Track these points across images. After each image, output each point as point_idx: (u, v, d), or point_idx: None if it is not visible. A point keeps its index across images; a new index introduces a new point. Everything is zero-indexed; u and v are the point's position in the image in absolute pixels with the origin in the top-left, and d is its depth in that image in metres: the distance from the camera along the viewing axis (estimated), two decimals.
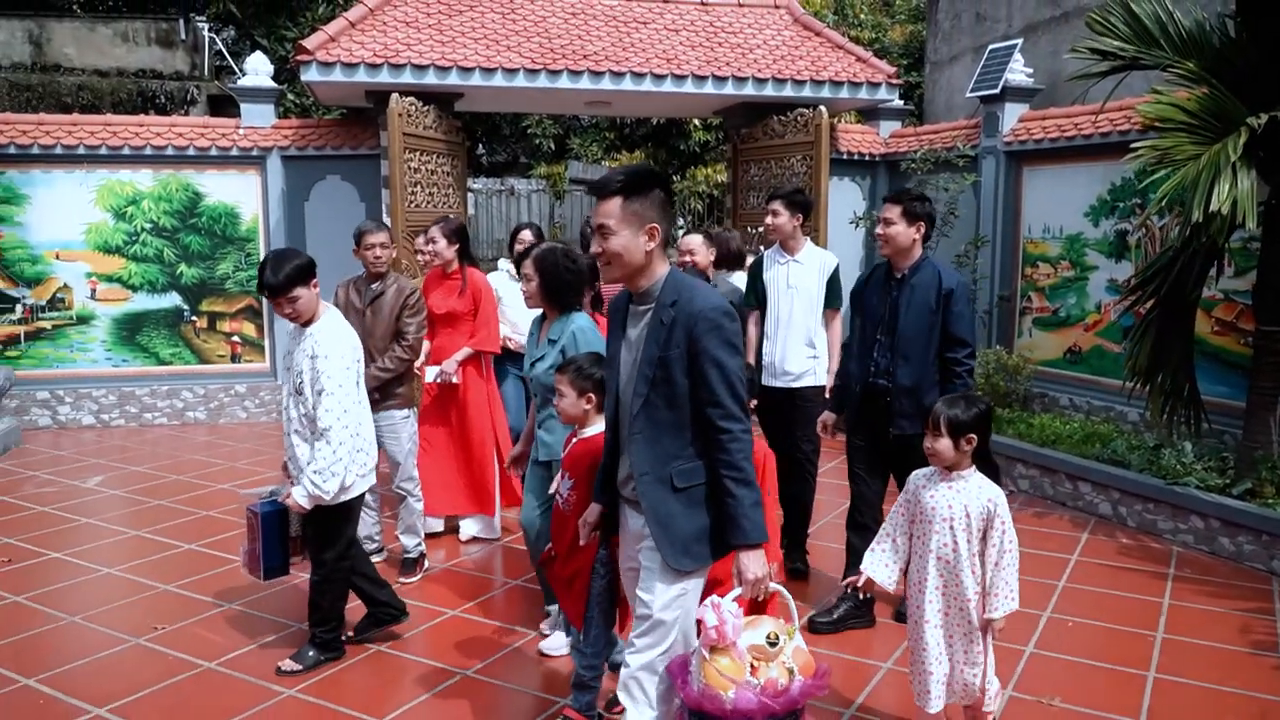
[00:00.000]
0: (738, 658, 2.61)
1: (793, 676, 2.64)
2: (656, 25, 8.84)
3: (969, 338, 4.25)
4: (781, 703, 2.59)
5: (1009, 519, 3.15)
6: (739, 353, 2.71)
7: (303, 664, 4.00)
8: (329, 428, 3.73)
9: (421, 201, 8.02)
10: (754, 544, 2.66)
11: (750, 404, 4.65)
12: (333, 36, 7.89)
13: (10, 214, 8.65)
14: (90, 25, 11.73)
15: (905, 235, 4.25)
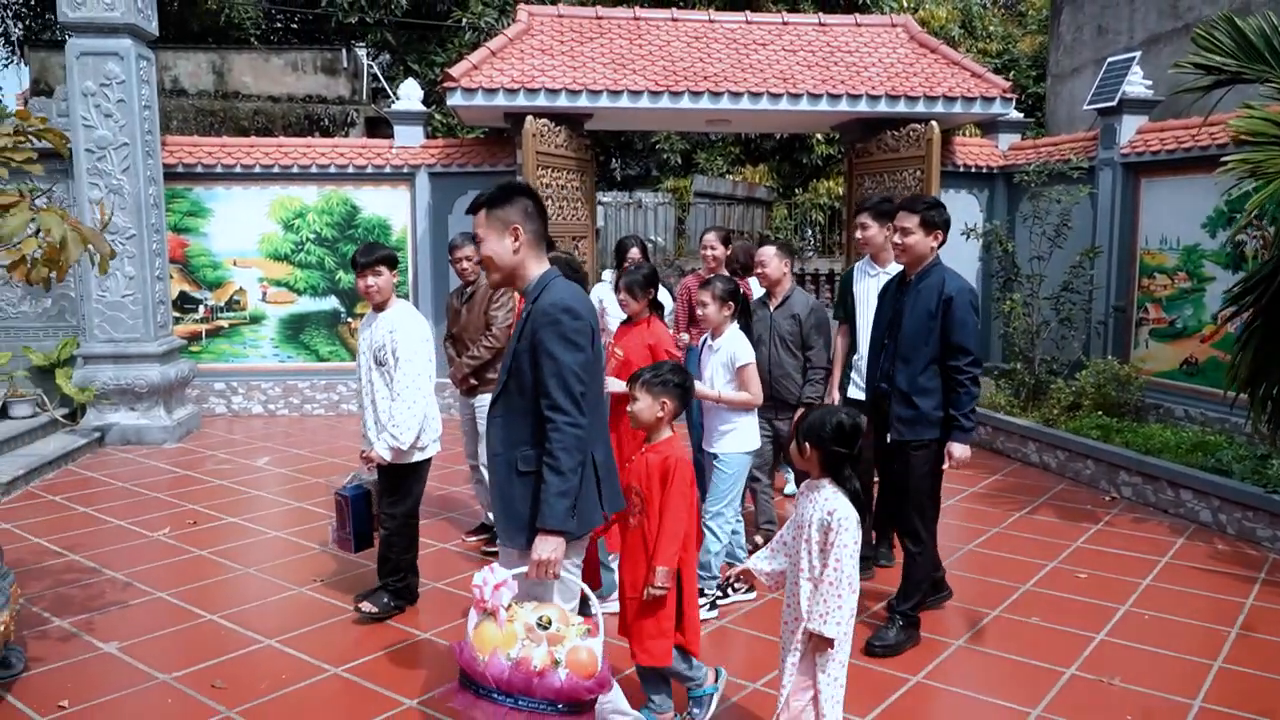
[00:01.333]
0: (502, 627, 2.70)
1: (555, 665, 2.66)
2: (775, 46, 9.27)
3: (970, 345, 4.20)
4: (532, 684, 2.62)
5: (847, 539, 3.01)
6: (576, 349, 2.83)
7: (378, 607, 4.66)
8: (405, 389, 4.44)
9: (553, 215, 8.67)
10: (550, 530, 2.79)
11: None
12: (476, 64, 8.66)
13: (196, 225, 9.78)
14: (265, 56, 13.02)
15: (923, 244, 4.29)
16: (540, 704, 2.65)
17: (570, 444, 2.80)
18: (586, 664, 2.70)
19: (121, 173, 8.45)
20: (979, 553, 5.69)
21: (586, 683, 2.68)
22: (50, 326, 8.97)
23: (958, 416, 4.23)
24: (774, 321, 5.36)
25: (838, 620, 2.99)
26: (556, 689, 2.64)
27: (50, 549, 5.66)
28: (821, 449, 3.12)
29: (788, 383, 5.34)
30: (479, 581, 2.74)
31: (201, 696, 3.89)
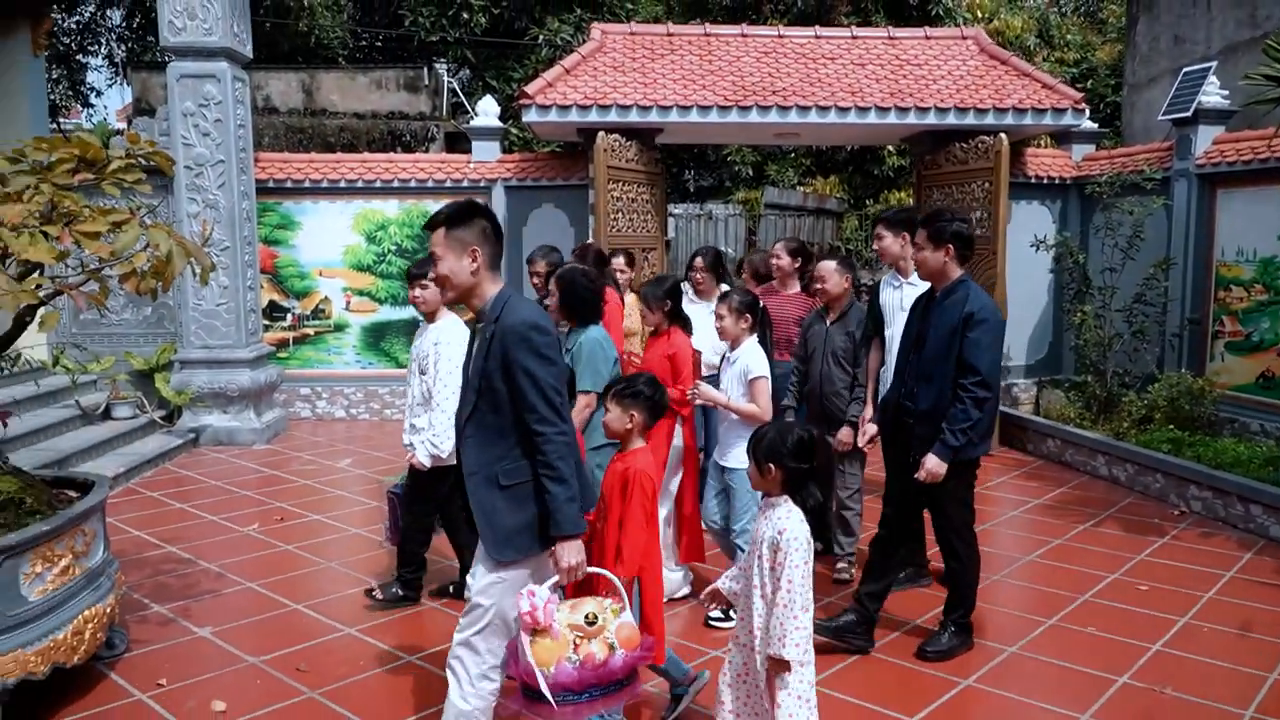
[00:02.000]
0: (557, 637, 2.83)
1: (613, 650, 2.85)
2: (844, 60, 9.38)
3: (980, 365, 4.10)
4: (601, 674, 2.82)
5: (797, 559, 2.98)
6: (550, 362, 2.93)
7: (385, 596, 4.99)
8: (445, 400, 4.64)
9: (623, 227, 8.91)
10: (568, 535, 2.91)
11: (863, 436, 5.01)
12: (550, 82, 8.94)
13: (285, 238, 10.26)
14: (351, 75, 13.56)
15: (935, 259, 4.24)
16: (610, 687, 2.87)
17: (564, 452, 2.92)
18: (632, 637, 2.93)
19: (217, 188, 8.94)
20: (1039, 563, 5.72)
21: (641, 652, 2.93)
22: (150, 333, 9.52)
23: (945, 430, 4.13)
24: (829, 336, 5.32)
25: (795, 642, 2.93)
26: (619, 670, 2.85)
27: (150, 541, 6.07)
28: (783, 467, 3.10)
29: (837, 400, 5.29)
30: (527, 607, 2.82)
31: (286, 678, 4.18)
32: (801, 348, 5.50)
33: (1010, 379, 10.13)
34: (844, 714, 3.88)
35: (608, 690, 2.86)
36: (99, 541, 4.22)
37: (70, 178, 3.91)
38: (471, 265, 2.98)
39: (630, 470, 3.42)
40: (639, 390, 3.53)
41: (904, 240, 4.96)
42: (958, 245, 4.23)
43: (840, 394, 5.26)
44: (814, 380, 5.27)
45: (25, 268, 3.74)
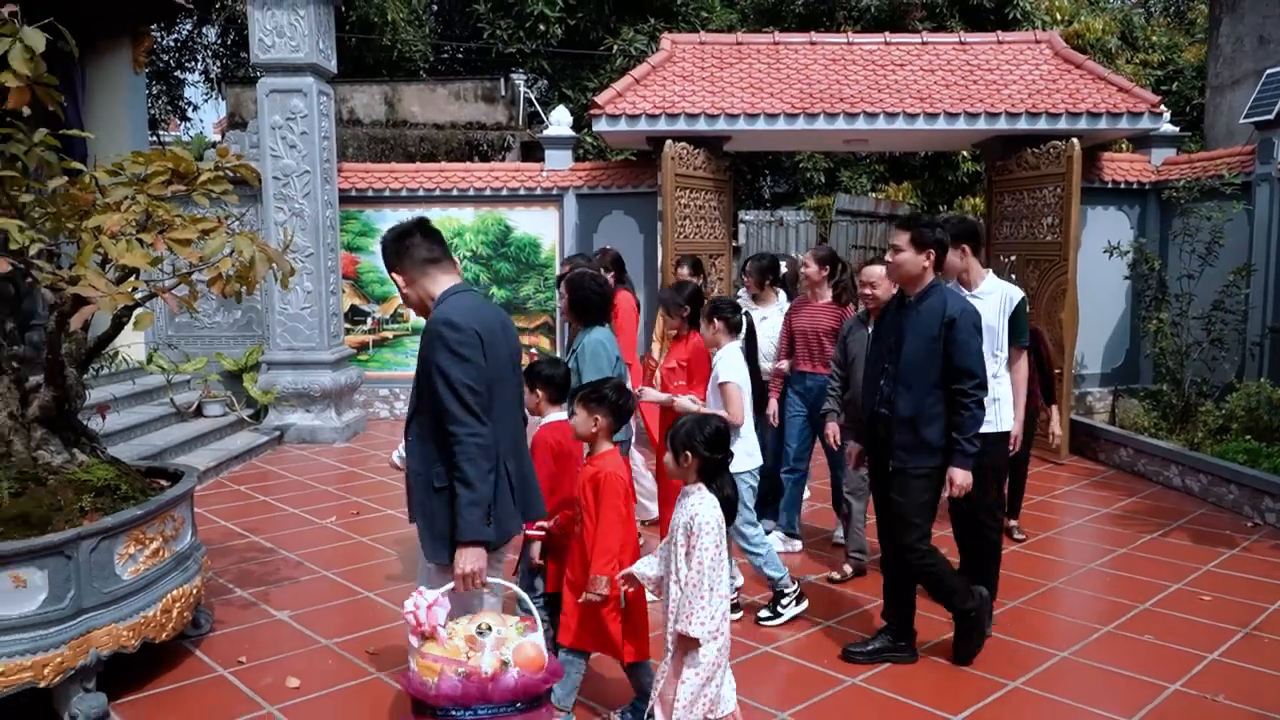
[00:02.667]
0: (444, 644, 2.78)
1: (505, 667, 2.74)
2: (913, 66, 9.38)
3: (975, 368, 4.04)
4: (488, 690, 2.71)
5: (707, 542, 3.10)
6: (464, 360, 2.88)
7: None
8: None
9: (690, 233, 9.06)
10: (466, 540, 2.84)
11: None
12: (620, 92, 9.15)
13: (366, 244, 10.66)
14: (431, 87, 14.00)
15: (914, 263, 4.14)
16: (500, 707, 2.73)
17: (473, 454, 2.85)
18: (534, 658, 2.79)
19: (303, 197, 9.36)
20: (1101, 571, 5.68)
21: (539, 675, 2.78)
22: (240, 335, 9.99)
23: (960, 441, 4.07)
24: (872, 344, 4.92)
25: (701, 620, 3.04)
26: (512, 689, 2.73)
27: (235, 531, 6.42)
28: (698, 456, 3.21)
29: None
30: (410, 607, 2.77)
31: (357, 660, 4.43)
32: (841, 353, 5.36)
33: (1085, 387, 9.98)
34: (889, 711, 3.96)
35: (499, 710, 2.72)
36: (187, 527, 4.52)
37: (164, 189, 4.21)
38: (405, 284, 3.18)
39: (601, 473, 3.54)
40: (604, 395, 3.64)
41: (963, 252, 4.73)
42: (939, 252, 4.16)
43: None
44: (855, 387, 5.06)
45: (123, 272, 4.04)
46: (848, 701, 4.04)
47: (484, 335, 2.98)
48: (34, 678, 3.65)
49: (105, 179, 4.16)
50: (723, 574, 3.14)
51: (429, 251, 3.16)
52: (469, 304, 3.06)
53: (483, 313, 3.08)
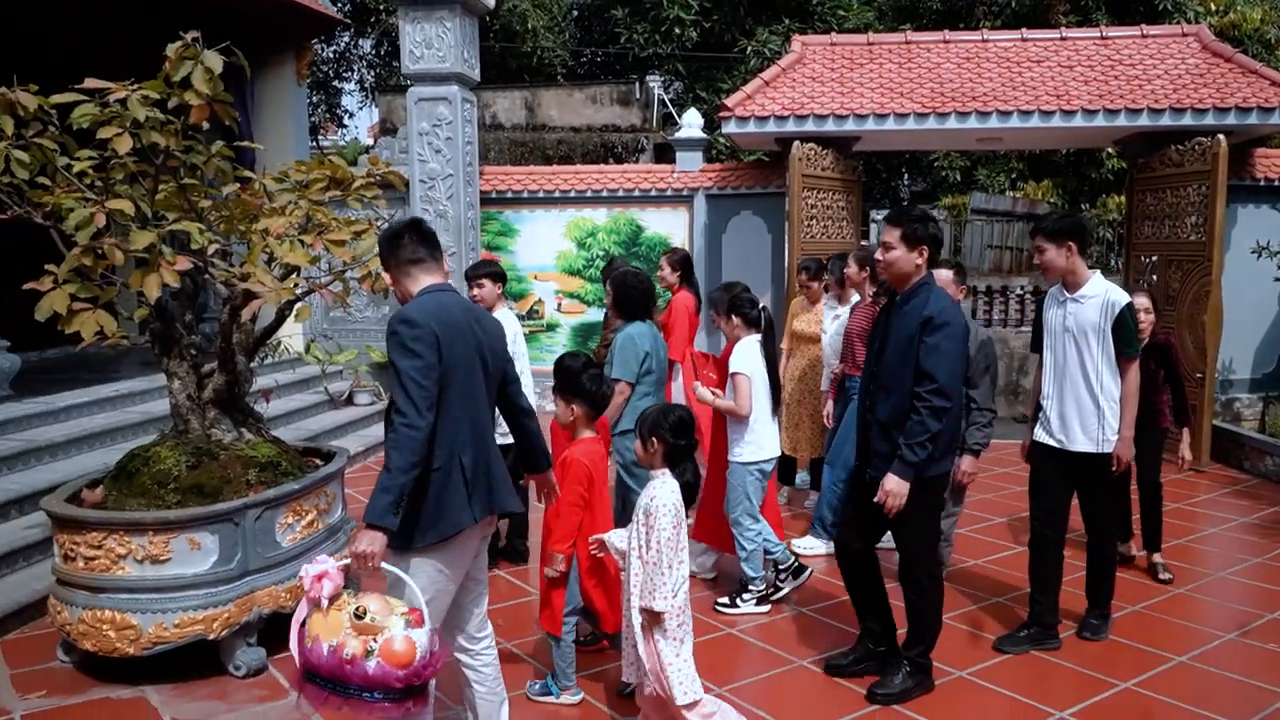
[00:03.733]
0: (327, 617, 2.78)
1: (368, 655, 2.69)
2: (1050, 63, 9.19)
3: (937, 372, 3.74)
4: (345, 671, 2.70)
5: (665, 522, 3.29)
6: (415, 355, 2.96)
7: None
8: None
9: (817, 233, 9.15)
10: (367, 522, 2.84)
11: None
12: (749, 94, 9.31)
13: (505, 244, 11.16)
14: (569, 91, 14.47)
15: (907, 261, 3.87)
16: (351, 689, 2.73)
17: (402, 444, 2.90)
18: (401, 654, 2.71)
19: (446, 199, 9.90)
20: (1232, 579, 5.53)
21: (398, 672, 2.70)
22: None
23: (903, 445, 3.78)
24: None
25: (664, 595, 3.28)
26: (366, 676, 2.70)
27: None
28: (663, 442, 3.42)
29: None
30: (302, 572, 2.83)
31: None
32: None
33: (1233, 393, 9.55)
34: (993, 706, 4.02)
35: (350, 693, 2.73)
36: (338, 502, 4.97)
37: (322, 194, 4.65)
38: (391, 280, 3.34)
39: (568, 458, 3.82)
40: (580, 384, 3.87)
41: (1068, 250, 4.34)
42: (932, 248, 3.92)
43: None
44: None
45: (286, 270, 4.49)
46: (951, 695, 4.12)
47: (441, 333, 3.05)
48: (204, 630, 4.14)
49: (272, 186, 4.63)
50: (683, 553, 3.37)
51: (414, 253, 3.26)
52: (433, 303, 3.14)
53: (446, 312, 3.13)
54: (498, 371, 3.36)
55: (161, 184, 4.36)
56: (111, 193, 4.21)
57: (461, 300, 3.32)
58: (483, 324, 3.31)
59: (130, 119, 3.99)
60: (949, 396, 3.77)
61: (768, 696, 4.11)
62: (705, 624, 4.82)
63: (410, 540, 3.01)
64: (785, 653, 4.55)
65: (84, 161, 4.19)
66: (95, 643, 4.09)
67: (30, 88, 4.06)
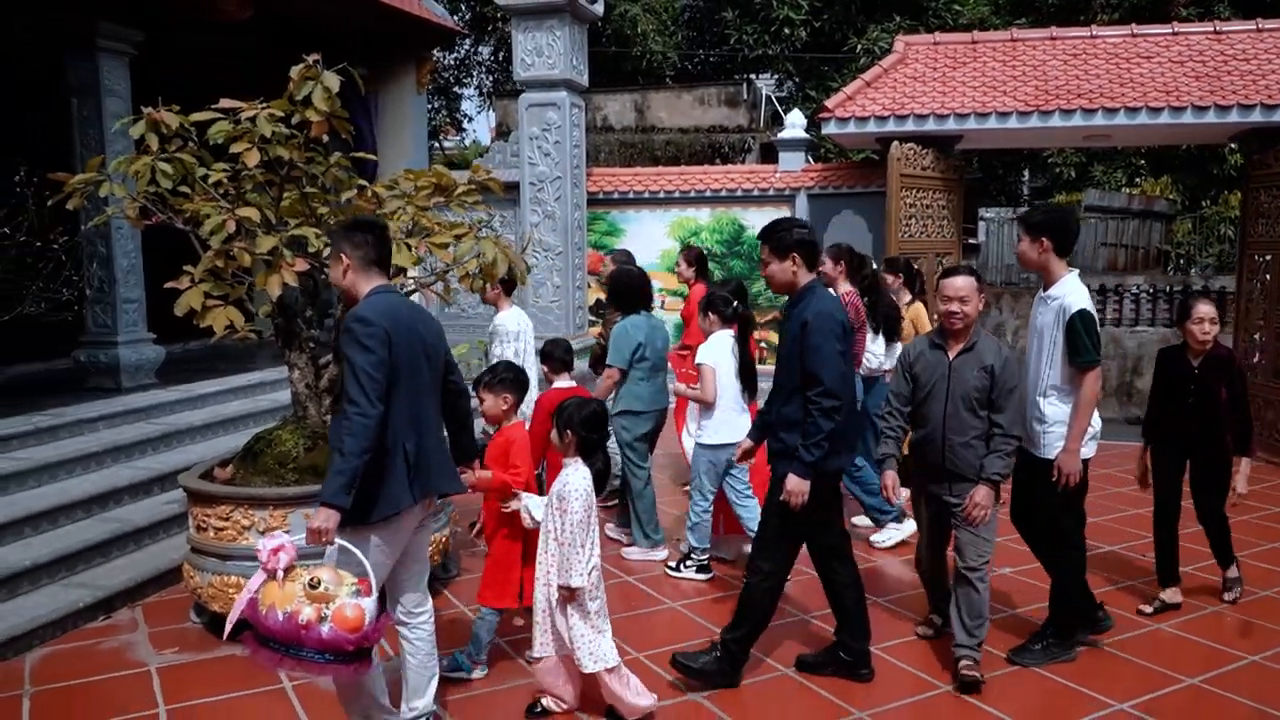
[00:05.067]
0: (281, 586, 3.01)
1: (321, 620, 2.96)
2: (1161, 59, 8.98)
3: (822, 373, 3.83)
4: (299, 635, 2.95)
5: (576, 506, 3.68)
6: (368, 351, 3.23)
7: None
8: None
9: (916, 232, 9.18)
10: (323, 500, 3.12)
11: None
12: (850, 95, 9.40)
13: (611, 243, 11.51)
14: (678, 93, 14.76)
15: (782, 271, 4.03)
16: (308, 653, 2.98)
17: (355, 430, 3.17)
18: (351, 620, 2.99)
19: (554, 201, 10.31)
20: None
21: (349, 635, 2.98)
22: None
23: (800, 447, 3.89)
24: (954, 374, 4.16)
25: (579, 573, 3.65)
26: (320, 640, 2.96)
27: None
28: (577, 434, 3.77)
29: (967, 452, 4.14)
30: (259, 545, 3.06)
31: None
32: (907, 381, 4.35)
33: None
34: (1061, 695, 4.12)
35: (305, 654, 2.99)
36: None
37: (428, 201, 5.05)
38: (343, 268, 3.50)
39: (503, 440, 4.27)
40: (503, 377, 4.28)
41: (1042, 246, 4.23)
42: (802, 253, 4.01)
43: (972, 445, 4.12)
44: (933, 427, 4.22)
45: (394, 270, 4.90)
46: (1011, 685, 4.23)
47: (391, 330, 3.34)
48: None
49: (383, 193, 5.05)
50: (593, 534, 3.74)
51: (377, 253, 3.54)
52: (383, 303, 3.42)
53: (396, 311, 3.43)
54: (439, 364, 3.68)
55: (285, 192, 4.82)
56: (242, 201, 4.70)
57: (406, 301, 3.66)
58: (425, 322, 3.62)
59: (259, 135, 4.46)
60: (837, 396, 3.86)
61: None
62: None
63: (358, 518, 3.28)
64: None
65: (219, 173, 4.69)
66: (223, 605, 4.56)
67: (173, 108, 4.57)
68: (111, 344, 7.49)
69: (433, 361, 3.60)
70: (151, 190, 4.57)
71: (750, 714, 4.02)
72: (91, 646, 4.69)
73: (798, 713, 4.04)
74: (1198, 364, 4.84)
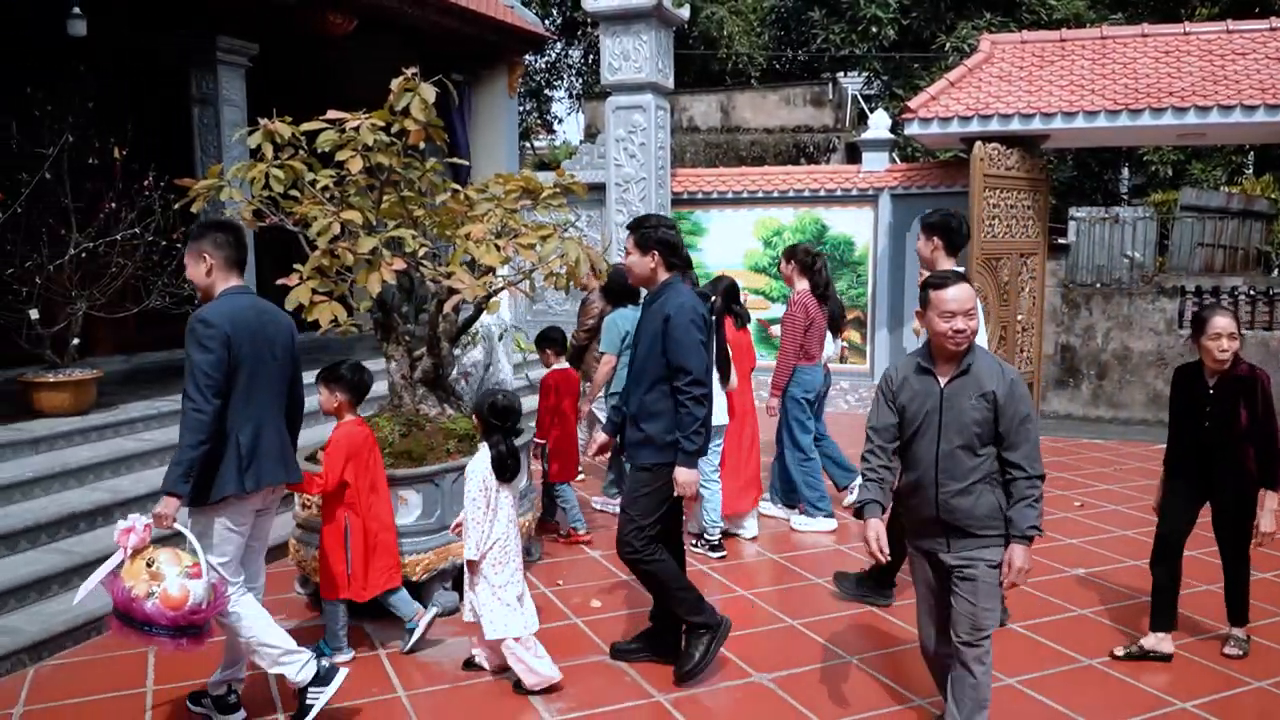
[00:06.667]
0: (130, 564, 3.45)
1: (149, 596, 3.37)
2: (1256, 55, 8.78)
3: (689, 364, 4.01)
4: (130, 607, 3.37)
5: (471, 486, 4.17)
6: (206, 350, 3.53)
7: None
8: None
9: (999, 232, 9.16)
10: (163, 488, 3.49)
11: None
12: (934, 95, 9.43)
13: (694, 243, 11.72)
14: (763, 94, 14.88)
15: (642, 265, 4.24)
16: (135, 621, 3.39)
17: (190, 425, 3.51)
18: (175, 598, 3.38)
19: (639, 201, 10.57)
20: None
21: (169, 612, 3.36)
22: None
23: (679, 438, 4.08)
24: (947, 404, 3.40)
25: (470, 546, 4.14)
26: (145, 613, 3.35)
27: None
28: (483, 421, 4.28)
29: (965, 500, 3.38)
30: (117, 526, 3.50)
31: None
32: (889, 413, 3.56)
33: None
34: (1119, 690, 4.19)
35: (131, 623, 3.40)
36: (523, 470, 5.65)
37: (516, 203, 5.35)
38: (205, 268, 3.74)
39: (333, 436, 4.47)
40: (340, 374, 4.45)
41: (934, 245, 4.73)
42: (662, 250, 4.21)
43: (972, 491, 3.38)
44: (923, 470, 3.46)
45: (483, 269, 5.22)
46: (1088, 676, 4.32)
47: (232, 332, 3.62)
48: (409, 574, 4.89)
49: (474, 196, 5.37)
50: (492, 513, 4.17)
51: (236, 254, 3.81)
52: (229, 305, 3.70)
53: (239, 313, 3.69)
54: (287, 363, 3.92)
55: (385, 196, 5.18)
56: (346, 204, 5.06)
57: (256, 302, 3.85)
58: (275, 323, 3.87)
59: (362, 143, 4.81)
60: (704, 383, 4.08)
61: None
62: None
63: (200, 499, 3.62)
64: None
65: (325, 178, 5.06)
66: None
67: (285, 119, 4.96)
68: None
69: (280, 360, 3.87)
70: (265, 194, 4.96)
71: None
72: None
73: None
74: (1214, 385, 4.28)
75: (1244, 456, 4.24)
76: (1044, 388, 10.41)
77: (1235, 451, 4.24)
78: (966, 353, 3.40)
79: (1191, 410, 4.36)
